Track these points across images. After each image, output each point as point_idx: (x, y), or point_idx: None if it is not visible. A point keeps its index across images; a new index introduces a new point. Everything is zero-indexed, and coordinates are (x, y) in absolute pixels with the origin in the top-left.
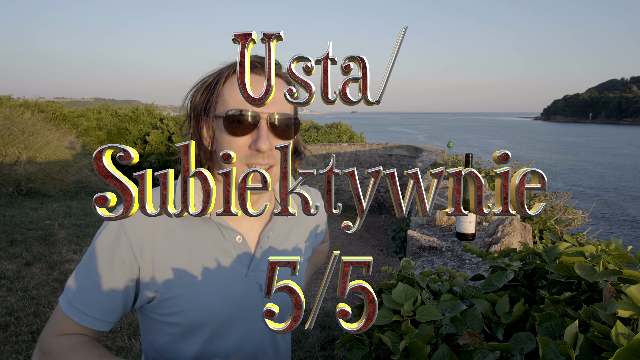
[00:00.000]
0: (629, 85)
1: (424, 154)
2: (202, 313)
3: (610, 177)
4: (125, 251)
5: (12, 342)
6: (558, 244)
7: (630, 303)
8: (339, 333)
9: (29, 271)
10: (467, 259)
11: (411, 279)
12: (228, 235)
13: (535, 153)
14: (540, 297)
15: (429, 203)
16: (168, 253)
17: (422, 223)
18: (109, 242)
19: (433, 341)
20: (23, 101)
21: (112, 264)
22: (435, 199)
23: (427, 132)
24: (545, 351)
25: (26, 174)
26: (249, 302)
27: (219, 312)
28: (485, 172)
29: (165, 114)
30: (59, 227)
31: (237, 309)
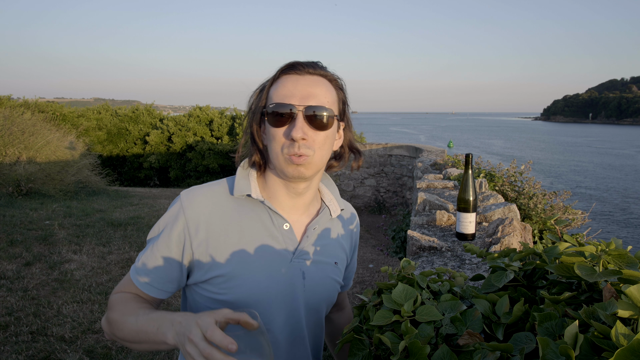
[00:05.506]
0: (629, 86)
1: (424, 154)
2: (248, 292)
3: (610, 177)
4: (181, 228)
5: (12, 342)
6: (558, 244)
7: (630, 303)
8: None
9: (28, 271)
10: (467, 259)
11: (411, 279)
12: (277, 221)
13: (535, 153)
14: (540, 297)
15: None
16: (221, 233)
17: (422, 223)
18: (169, 219)
19: (433, 341)
20: (23, 101)
21: (170, 239)
22: (436, 199)
23: (428, 132)
24: (545, 351)
25: (26, 174)
26: (292, 288)
27: (265, 293)
28: (485, 172)
29: (165, 114)
30: (59, 227)
31: (280, 292)
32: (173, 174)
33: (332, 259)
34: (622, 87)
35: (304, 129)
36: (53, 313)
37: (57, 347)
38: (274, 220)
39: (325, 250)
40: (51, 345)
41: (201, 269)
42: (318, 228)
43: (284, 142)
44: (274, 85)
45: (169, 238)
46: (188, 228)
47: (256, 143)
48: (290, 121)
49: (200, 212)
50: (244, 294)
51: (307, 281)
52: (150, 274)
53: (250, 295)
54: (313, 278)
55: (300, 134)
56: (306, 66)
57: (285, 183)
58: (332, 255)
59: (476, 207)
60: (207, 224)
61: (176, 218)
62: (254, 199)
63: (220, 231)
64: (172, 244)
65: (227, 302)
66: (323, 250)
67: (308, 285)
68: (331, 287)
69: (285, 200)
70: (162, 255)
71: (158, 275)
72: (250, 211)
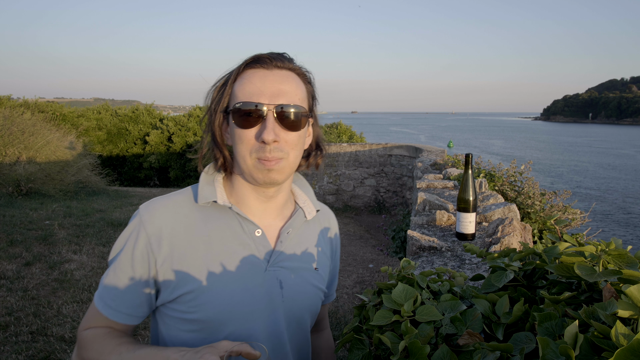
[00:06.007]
0: (628, 85)
1: (424, 154)
2: (221, 308)
3: (610, 177)
4: (143, 245)
5: (12, 342)
6: (558, 244)
7: (630, 303)
8: (339, 333)
9: (28, 271)
10: (467, 259)
11: (411, 279)
12: (247, 228)
13: (535, 153)
14: (540, 297)
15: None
16: (187, 246)
17: (422, 223)
18: (129, 236)
19: (433, 341)
20: (23, 101)
21: (132, 258)
22: (436, 199)
23: (428, 132)
24: (545, 351)
25: (26, 174)
26: (269, 298)
27: (239, 307)
28: (485, 172)
29: (165, 114)
30: (58, 227)
31: (257, 305)
32: (173, 174)
33: (311, 264)
34: (622, 87)
35: (276, 130)
36: (53, 313)
37: (57, 347)
38: (244, 226)
39: (303, 255)
40: (51, 345)
41: (168, 287)
42: (292, 232)
43: (253, 144)
44: (238, 81)
45: (131, 257)
46: (150, 244)
47: (219, 145)
48: (260, 122)
49: (162, 226)
50: (216, 310)
51: (286, 290)
52: (116, 299)
53: (223, 311)
54: (292, 286)
55: (272, 136)
56: (274, 59)
57: (254, 187)
58: (311, 260)
59: (476, 207)
60: (171, 237)
61: (136, 235)
62: (221, 206)
63: (186, 244)
64: (136, 264)
65: (199, 320)
66: (300, 255)
67: (287, 295)
68: (313, 294)
69: (255, 205)
70: (126, 277)
71: (125, 299)
72: (218, 219)
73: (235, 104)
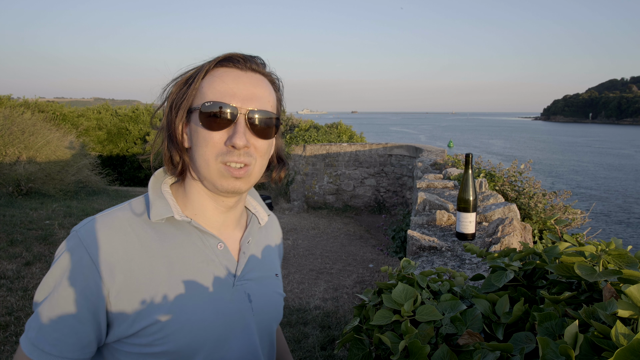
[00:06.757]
0: (629, 85)
1: (424, 153)
2: (192, 334)
3: (610, 177)
4: (90, 275)
5: (12, 342)
6: (558, 244)
7: (630, 303)
8: (339, 333)
9: (29, 271)
10: (467, 259)
11: (411, 279)
12: (209, 242)
13: (535, 153)
14: (540, 297)
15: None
16: (144, 271)
17: (422, 223)
18: (67, 268)
19: (433, 341)
20: (23, 101)
21: (74, 291)
22: (436, 198)
23: (428, 132)
24: (545, 351)
25: (26, 173)
26: (241, 314)
27: (212, 331)
28: (485, 172)
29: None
30: (59, 227)
31: (230, 324)
32: None
33: (272, 271)
34: (622, 87)
35: (247, 136)
36: None
37: None
38: (205, 241)
39: (264, 263)
40: None
41: (124, 321)
42: (252, 240)
43: (220, 149)
44: (208, 78)
45: (73, 292)
46: (99, 272)
47: (179, 147)
48: (230, 125)
49: (112, 251)
50: (187, 338)
51: (255, 303)
52: (58, 344)
53: (195, 338)
54: (259, 298)
55: (243, 141)
56: (248, 61)
57: (213, 196)
58: (272, 268)
59: (476, 207)
60: (124, 263)
61: (79, 264)
62: (177, 220)
63: (143, 269)
64: (81, 299)
65: (167, 352)
66: (262, 264)
67: (256, 307)
68: (277, 302)
69: (214, 216)
70: (68, 316)
71: (69, 343)
72: (175, 236)
73: (204, 103)
